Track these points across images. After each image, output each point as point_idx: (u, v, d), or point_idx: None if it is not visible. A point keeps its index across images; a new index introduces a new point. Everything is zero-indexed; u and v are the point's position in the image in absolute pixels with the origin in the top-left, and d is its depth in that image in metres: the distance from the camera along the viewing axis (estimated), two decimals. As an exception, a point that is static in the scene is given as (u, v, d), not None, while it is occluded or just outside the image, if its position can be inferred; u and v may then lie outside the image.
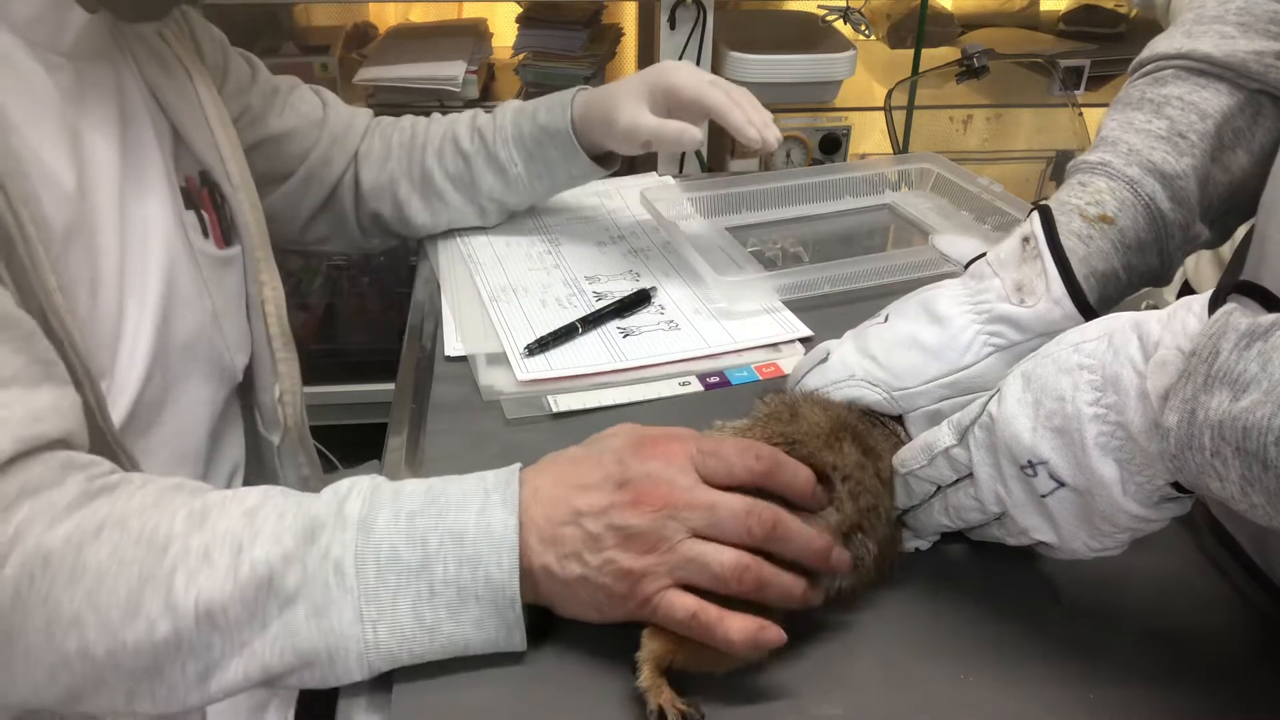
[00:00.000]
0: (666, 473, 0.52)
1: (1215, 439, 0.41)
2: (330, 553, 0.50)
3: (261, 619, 0.50)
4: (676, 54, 1.53)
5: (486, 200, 1.01)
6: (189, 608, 0.49)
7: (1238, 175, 0.65)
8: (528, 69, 1.69)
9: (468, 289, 0.94)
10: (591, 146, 0.96)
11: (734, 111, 0.88)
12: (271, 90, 0.94)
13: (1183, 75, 0.65)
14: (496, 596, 0.51)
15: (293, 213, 0.98)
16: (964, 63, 1.68)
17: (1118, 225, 0.62)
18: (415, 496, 0.53)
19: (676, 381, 0.80)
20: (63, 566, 0.49)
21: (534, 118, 0.96)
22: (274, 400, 0.87)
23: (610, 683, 0.53)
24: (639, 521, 0.50)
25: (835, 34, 1.75)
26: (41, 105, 0.65)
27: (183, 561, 0.50)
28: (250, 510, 0.52)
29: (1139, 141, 0.63)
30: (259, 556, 0.50)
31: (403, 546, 0.51)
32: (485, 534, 0.51)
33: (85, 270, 0.66)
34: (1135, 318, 0.48)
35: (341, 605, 0.50)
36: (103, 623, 0.49)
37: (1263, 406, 0.39)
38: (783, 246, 1.01)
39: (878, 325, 0.66)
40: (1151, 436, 0.45)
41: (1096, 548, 0.52)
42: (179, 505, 0.53)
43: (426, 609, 0.51)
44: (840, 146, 1.67)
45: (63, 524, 0.50)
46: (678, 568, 0.50)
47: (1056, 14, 2.07)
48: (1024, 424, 0.50)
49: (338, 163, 0.98)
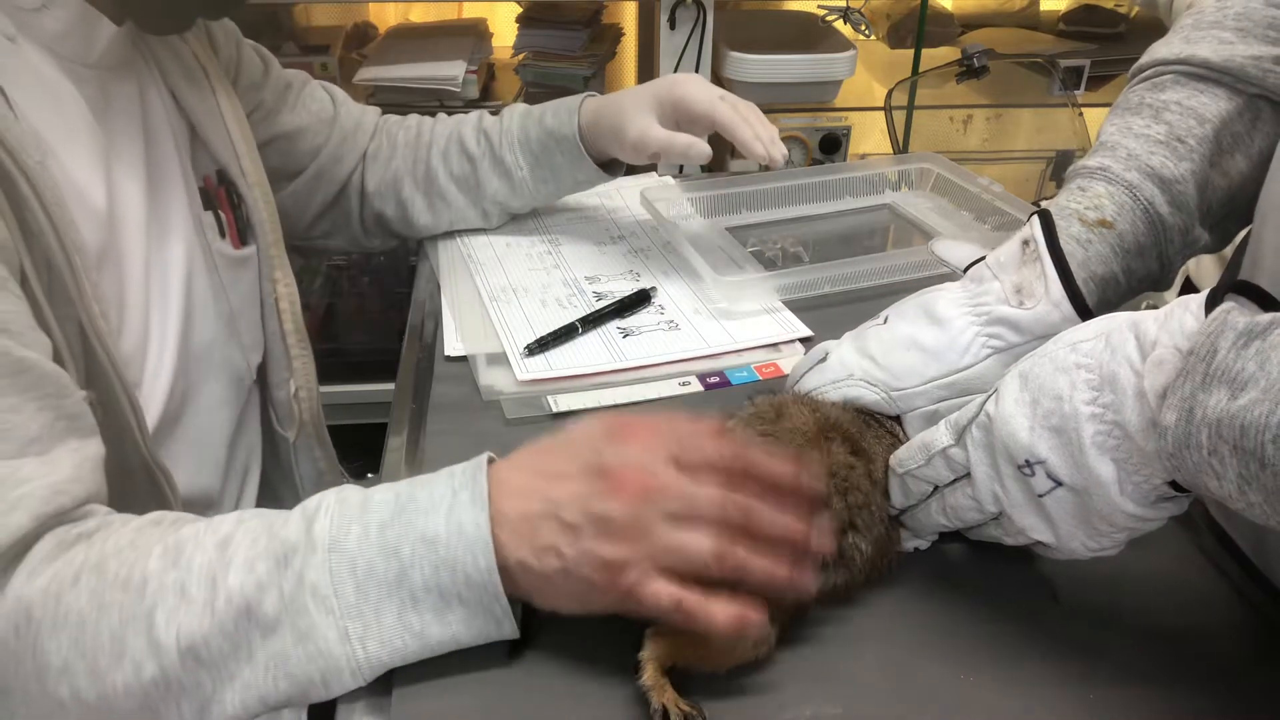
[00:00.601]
0: (643, 459, 0.50)
1: (1213, 437, 0.41)
2: (305, 578, 0.50)
3: (246, 649, 0.50)
4: (676, 54, 1.53)
5: (490, 203, 1.01)
6: (171, 645, 0.49)
7: (1236, 180, 0.65)
8: (528, 69, 1.69)
9: (468, 289, 0.94)
10: (597, 153, 0.97)
11: (743, 127, 0.89)
12: (284, 86, 0.94)
13: (1181, 80, 0.65)
14: (480, 595, 0.51)
15: (301, 210, 0.98)
16: (964, 63, 1.68)
17: (1117, 230, 0.62)
18: (384, 506, 0.52)
19: (676, 382, 0.80)
20: (45, 616, 0.49)
21: (541, 122, 0.97)
22: (289, 397, 0.87)
23: (611, 683, 0.53)
24: (618, 509, 0.49)
25: (835, 34, 1.75)
26: (74, 124, 0.66)
27: (161, 600, 0.50)
28: (223, 540, 0.52)
29: (1138, 146, 0.64)
30: (234, 587, 0.50)
31: (377, 560, 0.50)
32: (458, 535, 0.50)
33: (115, 288, 0.67)
34: (1132, 317, 0.48)
35: (325, 628, 0.50)
36: (90, 668, 0.49)
37: (1260, 404, 0.39)
38: (783, 246, 1.01)
39: (877, 326, 0.66)
40: (1149, 435, 0.45)
41: (1094, 547, 0.52)
42: (154, 543, 0.52)
43: (412, 616, 0.51)
44: (840, 146, 1.67)
45: (41, 575, 0.50)
46: (658, 556, 0.49)
47: (1056, 14, 2.07)
48: (1021, 423, 0.50)
49: (348, 161, 0.98)
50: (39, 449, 0.53)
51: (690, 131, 0.91)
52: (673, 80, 0.93)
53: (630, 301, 0.89)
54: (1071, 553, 0.53)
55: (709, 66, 1.56)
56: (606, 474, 0.50)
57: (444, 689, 0.53)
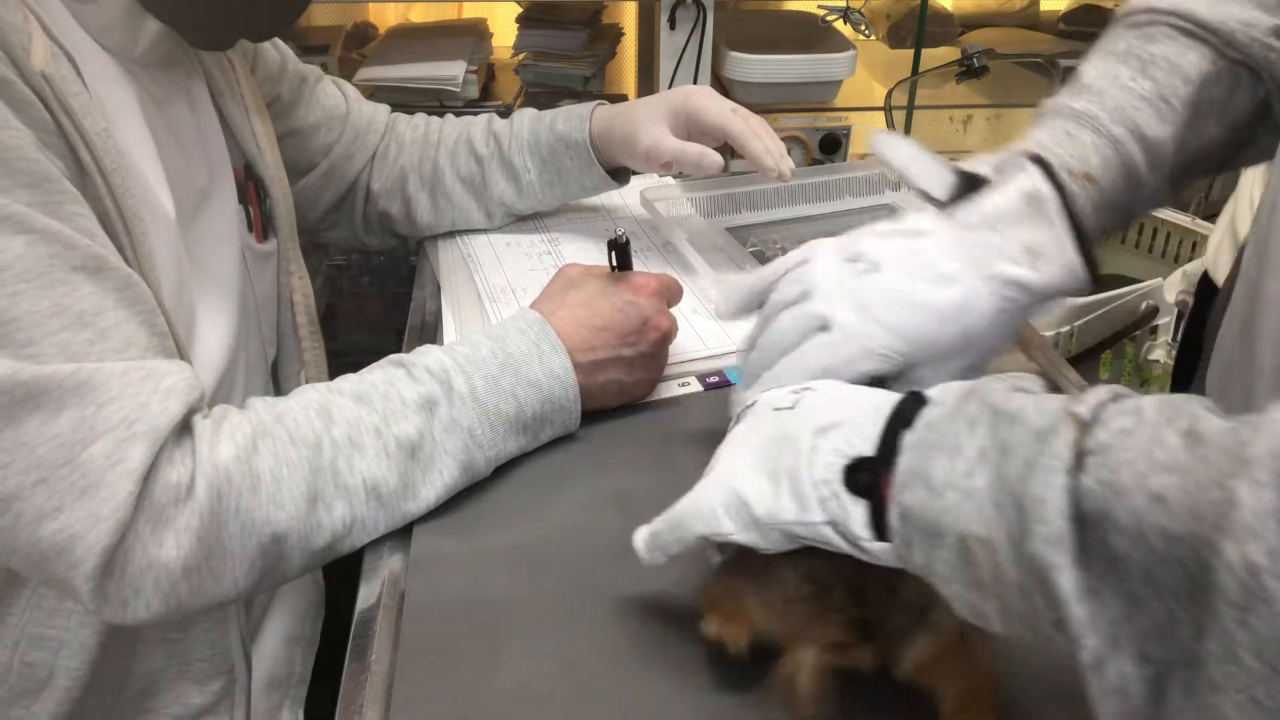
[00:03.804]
0: (657, 305, 0.76)
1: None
2: (458, 422, 0.66)
3: (412, 487, 0.64)
4: (676, 54, 1.53)
5: (495, 203, 1.01)
6: (358, 486, 0.62)
7: (1206, 143, 0.64)
8: (528, 69, 1.69)
9: (468, 289, 0.94)
10: (607, 161, 0.97)
11: (754, 141, 0.91)
12: (300, 80, 0.95)
13: (1172, 35, 0.63)
14: (565, 416, 0.72)
15: (310, 205, 0.99)
16: (964, 63, 1.68)
17: (1099, 185, 0.61)
18: (491, 361, 0.68)
19: (676, 382, 0.80)
20: (243, 479, 0.58)
21: (552, 127, 0.98)
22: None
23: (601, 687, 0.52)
24: (650, 347, 0.75)
25: (835, 34, 1.75)
26: (126, 106, 0.68)
27: (339, 451, 0.61)
28: (359, 397, 0.64)
29: (1125, 99, 0.62)
30: (400, 434, 0.63)
31: (501, 403, 0.68)
32: (553, 378, 0.70)
33: (172, 277, 0.69)
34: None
35: (475, 455, 0.67)
36: (290, 515, 0.59)
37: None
38: (783, 246, 1.01)
39: (868, 275, 0.58)
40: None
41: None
42: (297, 409, 0.62)
43: (524, 439, 0.71)
44: (840, 146, 1.67)
45: (222, 443, 0.58)
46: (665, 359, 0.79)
47: (1056, 14, 2.07)
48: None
49: (359, 159, 0.99)
50: (152, 357, 0.59)
51: (701, 143, 0.93)
52: (686, 92, 0.94)
53: (630, 301, 0.90)
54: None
55: (709, 66, 1.55)
56: (644, 322, 0.74)
57: (445, 693, 0.53)
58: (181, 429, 0.58)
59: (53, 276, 0.55)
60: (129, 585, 0.55)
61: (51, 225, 0.55)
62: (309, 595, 0.90)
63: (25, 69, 0.56)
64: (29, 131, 0.56)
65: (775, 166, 0.90)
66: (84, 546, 0.53)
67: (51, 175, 0.56)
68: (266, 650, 0.83)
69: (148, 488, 0.55)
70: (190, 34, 0.71)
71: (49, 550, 0.54)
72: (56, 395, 0.54)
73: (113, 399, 0.55)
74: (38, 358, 0.54)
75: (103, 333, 0.57)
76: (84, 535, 0.53)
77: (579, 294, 0.75)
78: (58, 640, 0.66)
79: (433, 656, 0.56)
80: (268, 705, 0.83)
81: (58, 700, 0.67)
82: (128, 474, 0.54)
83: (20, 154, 0.55)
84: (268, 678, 0.83)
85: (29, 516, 0.53)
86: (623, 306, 0.73)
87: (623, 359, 0.73)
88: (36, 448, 0.53)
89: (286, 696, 0.86)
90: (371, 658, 0.57)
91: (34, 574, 0.58)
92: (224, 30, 0.73)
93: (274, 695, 0.84)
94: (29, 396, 0.53)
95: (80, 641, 0.66)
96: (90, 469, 0.54)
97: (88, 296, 0.56)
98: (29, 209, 0.54)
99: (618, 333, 0.73)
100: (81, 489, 0.53)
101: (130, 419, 0.55)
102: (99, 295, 0.57)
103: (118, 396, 0.55)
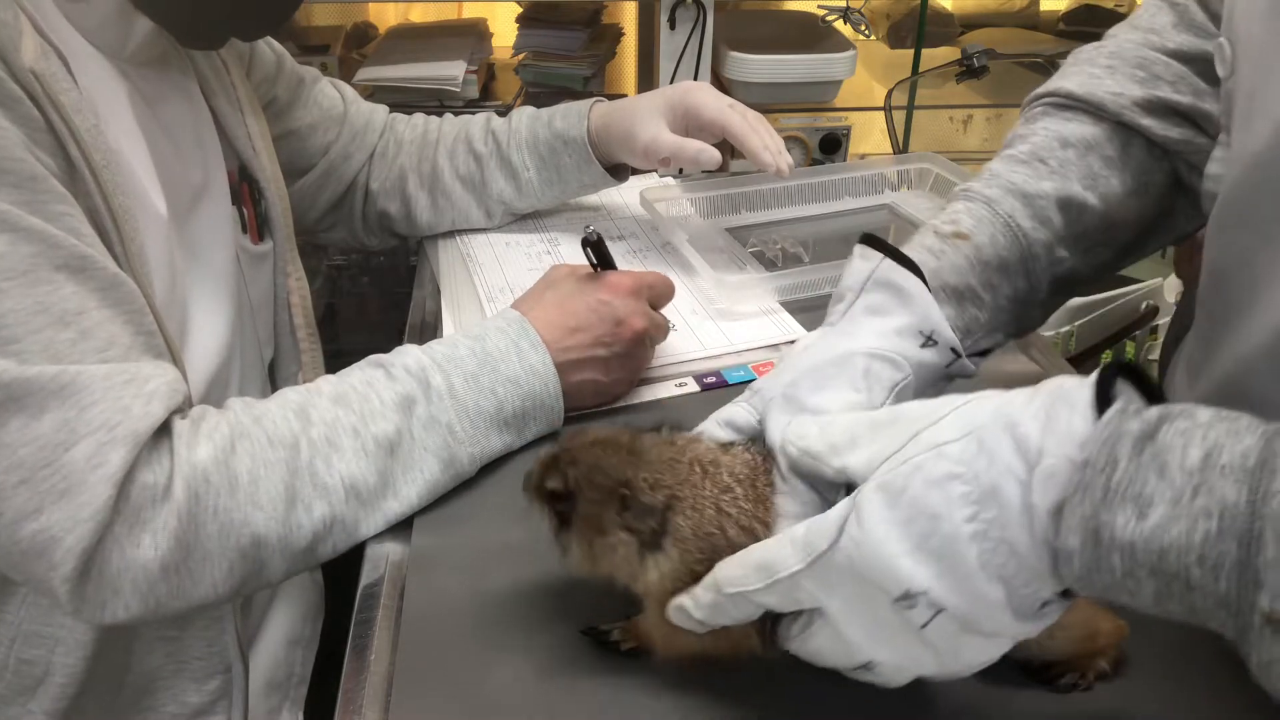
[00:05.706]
0: (635, 306, 0.75)
1: (1127, 560, 0.38)
2: (437, 419, 0.66)
3: (392, 486, 0.64)
4: (676, 54, 1.53)
5: (495, 202, 1.01)
6: (337, 485, 0.62)
7: (1113, 205, 0.65)
8: (528, 69, 1.69)
9: (467, 289, 0.94)
10: (605, 157, 0.97)
11: (752, 137, 0.91)
12: (297, 81, 0.95)
13: (1050, 111, 0.68)
14: (548, 413, 0.72)
15: (308, 205, 0.99)
16: (964, 63, 1.68)
17: (974, 241, 0.61)
18: (469, 359, 0.69)
19: (673, 383, 0.80)
20: (221, 480, 0.58)
21: (550, 125, 0.97)
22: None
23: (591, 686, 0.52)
24: (625, 346, 0.74)
25: (835, 34, 1.75)
26: (118, 104, 0.68)
27: (317, 451, 0.62)
28: (338, 398, 0.64)
29: (1001, 167, 0.65)
30: (378, 433, 0.63)
31: (481, 400, 0.68)
32: (533, 374, 0.70)
33: (164, 274, 0.69)
34: (1003, 412, 0.42)
35: (456, 452, 0.67)
36: (269, 516, 0.60)
37: (1176, 523, 0.37)
38: (783, 246, 1.01)
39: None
40: (1040, 552, 0.40)
41: (978, 665, 0.45)
42: (275, 410, 0.63)
43: (509, 436, 0.70)
44: (840, 146, 1.67)
45: (200, 444, 0.58)
46: (648, 359, 0.79)
47: (1056, 14, 2.07)
48: (895, 548, 0.42)
49: (357, 159, 0.99)
50: (136, 357, 0.59)
51: (699, 138, 0.93)
52: (684, 88, 0.94)
53: (629, 301, 0.90)
54: (953, 675, 0.45)
55: (709, 66, 1.55)
56: (618, 322, 0.73)
57: (445, 692, 0.53)
58: (160, 430, 0.58)
59: (36, 275, 0.55)
60: (107, 586, 0.56)
61: (35, 224, 0.55)
62: (309, 596, 0.90)
63: (14, 65, 0.56)
64: (16, 130, 0.56)
65: (774, 162, 0.90)
66: (63, 549, 0.54)
67: (38, 174, 0.56)
68: (266, 652, 0.83)
69: (125, 489, 0.55)
70: (181, 33, 0.71)
71: (29, 550, 0.54)
72: (39, 397, 0.54)
73: (95, 402, 0.55)
74: (20, 355, 0.54)
75: (84, 332, 0.57)
76: (63, 538, 0.53)
77: (555, 294, 0.75)
78: (54, 637, 0.66)
79: (432, 656, 0.56)
80: (268, 707, 0.83)
81: (54, 698, 0.67)
82: (108, 478, 0.54)
83: (5, 153, 0.55)
84: (267, 679, 0.83)
85: (9, 517, 0.54)
86: (596, 306, 0.73)
87: (598, 359, 0.73)
88: (18, 449, 0.53)
89: (286, 698, 0.86)
90: (371, 658, 0.57)
91: (13, 574, 0.58)
92: (214, 29, 0.73)
93: (274, 696, 0.84)
94: (11, 398, 0.53)
95: (76, 639, 0.66)
96: (71, 471, 0.54)
97: (70, 296, 0.56)
98: (13, 208, 0.55)
99: (592, 333, 0.73)
100: (62, 491, 0.53)
101: (112, 422, 0.55)
102: (82, 295, 0.57)
103: (100, 399, 0.55)
